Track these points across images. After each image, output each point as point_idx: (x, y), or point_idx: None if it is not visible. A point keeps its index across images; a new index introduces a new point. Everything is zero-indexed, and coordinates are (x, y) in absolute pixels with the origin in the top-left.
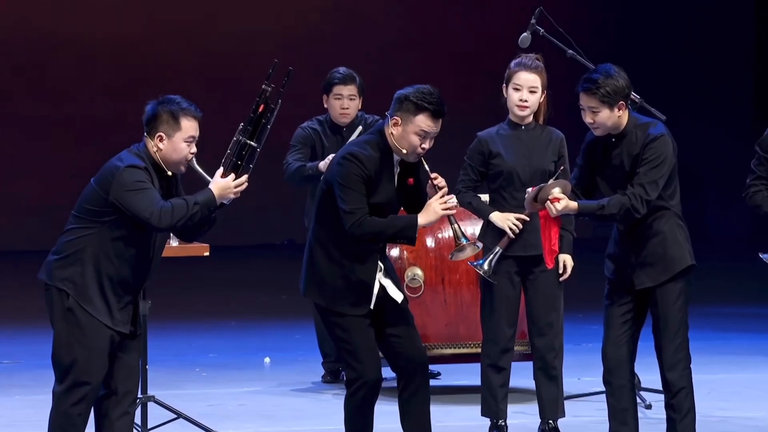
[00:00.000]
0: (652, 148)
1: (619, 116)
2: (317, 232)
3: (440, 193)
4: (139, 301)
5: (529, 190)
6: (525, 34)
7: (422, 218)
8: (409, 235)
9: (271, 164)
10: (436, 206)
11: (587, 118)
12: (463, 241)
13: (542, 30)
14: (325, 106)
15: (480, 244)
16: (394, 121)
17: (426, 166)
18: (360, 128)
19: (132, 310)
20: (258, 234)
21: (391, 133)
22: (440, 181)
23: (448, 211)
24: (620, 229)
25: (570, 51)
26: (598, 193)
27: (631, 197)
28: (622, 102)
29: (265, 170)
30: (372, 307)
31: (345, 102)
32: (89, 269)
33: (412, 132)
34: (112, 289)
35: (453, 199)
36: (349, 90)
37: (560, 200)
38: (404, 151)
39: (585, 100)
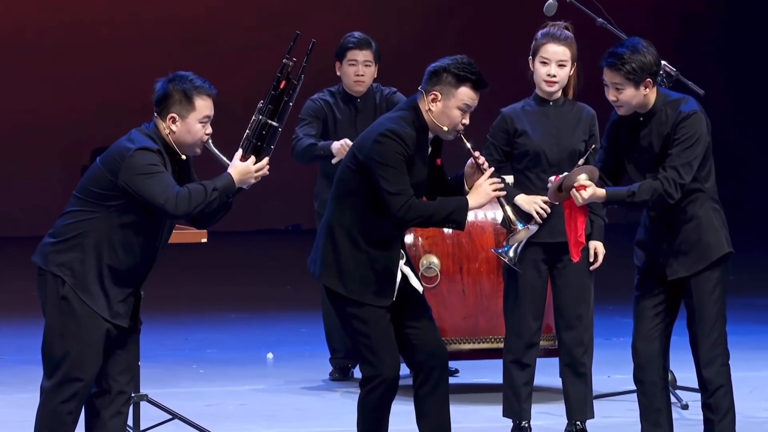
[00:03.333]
0: (685, 127)
1: (645, 95)
2: (338, 214)
3: (488, 173)
4: (141, 293)
5: (552, 179)
6: (551, 0)
7: (472, 200)
8: (459, 219)
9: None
10: (487, 187)
11: (610, 96)
12: (519, 226)
13: None
14: (338, 73)
15: (535, 227)
16: (432, 96)
17: (468, 145)
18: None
19: (132, 303)
20: (260, 218)
21: (429, 109)
22: (484, 160)
23: (500, 193)
24: (651, 215)
25: (600, 19)
26: (626, 177)
27: (664, 182)
28: (649, 79)
29: None
30: (394, 298)
31: (360, 68)
32: (90, 256)
33: (454, 106)
34: (113, 280)
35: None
36: (364, 55)
37: (587, 188)
38: (445, 128)
39: (608, 76)
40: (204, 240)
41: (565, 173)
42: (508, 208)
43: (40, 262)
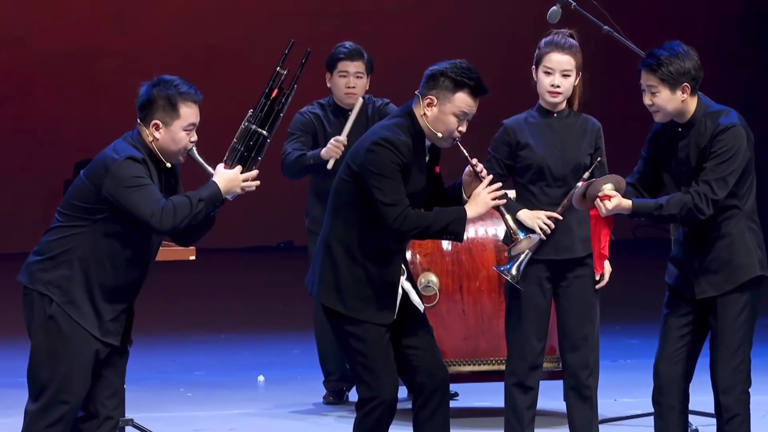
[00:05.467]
0: (722, 140)
1: (682, 100)
2: (335, 228)
3: (486, 181)
4: (134, 309)
5: (579, 184)
6: (554, 7)
7: (471, 210)
8: (456, 230)
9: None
10: (486, 196)
11: (646, 100)
12: (521, 236)
13: (573, 3)
14: (329, 85)
15: (537, 237)
16: (428, 100)
17: (465, 152)
18: (358, 106)
19: (124, 320)
20: (251, 235)
21: (424, 114)
22: (482, 168)
23: (499, 201)
24: (685, 231)
25: (606, 27)
26: (664, 191)
27: (695, 196)
28: (686, 84)
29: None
30: (395, 315)
31: (351, 80)
32: (78, 273)
33: (450, 112)
34: (104, 296)
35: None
36: (355, 66)
37: (611, 198)
38: (439, 135)
39: (644, 78)
40: (192, 257)
41: (592, 180)
42: (508, 217)
43: (26, 281)
